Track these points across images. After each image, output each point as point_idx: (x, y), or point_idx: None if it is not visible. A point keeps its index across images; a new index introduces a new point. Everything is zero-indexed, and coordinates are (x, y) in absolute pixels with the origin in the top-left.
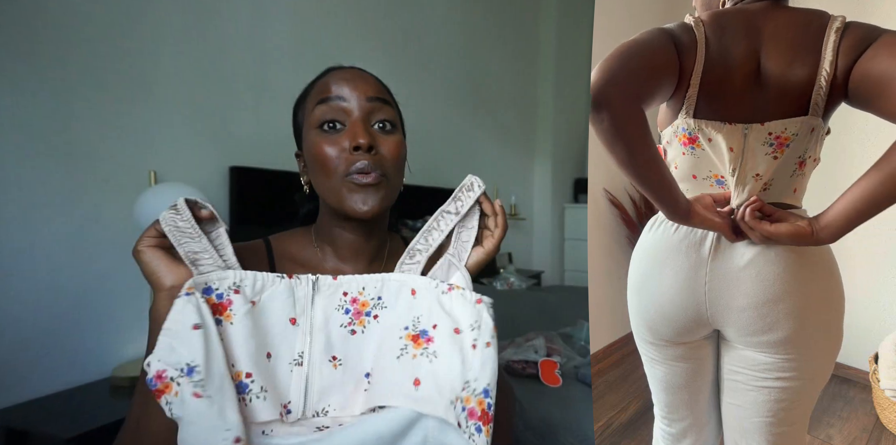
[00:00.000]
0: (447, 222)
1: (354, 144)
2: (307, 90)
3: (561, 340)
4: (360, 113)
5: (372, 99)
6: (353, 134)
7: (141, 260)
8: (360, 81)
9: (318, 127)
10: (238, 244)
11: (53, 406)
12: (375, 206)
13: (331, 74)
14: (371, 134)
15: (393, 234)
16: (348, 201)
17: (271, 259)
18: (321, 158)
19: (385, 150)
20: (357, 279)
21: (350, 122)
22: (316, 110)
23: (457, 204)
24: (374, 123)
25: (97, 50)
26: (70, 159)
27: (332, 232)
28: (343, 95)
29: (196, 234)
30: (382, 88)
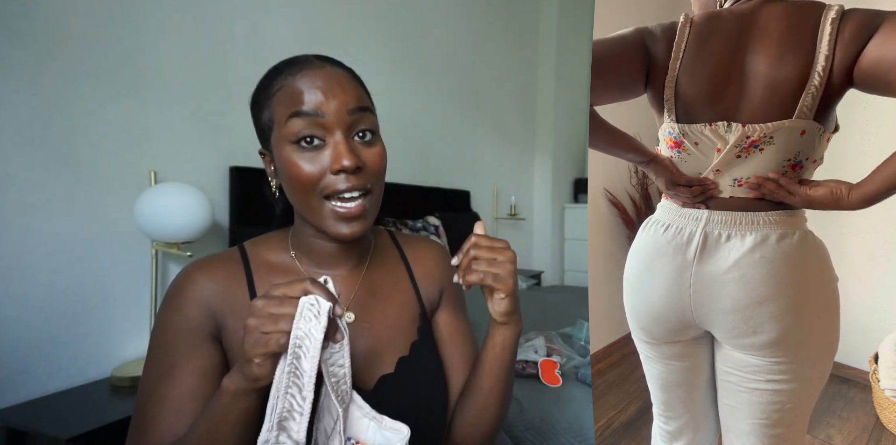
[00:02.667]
0: None
1: (338, 167)
2: (268, 87)
3: (561, 340)
4: (341, 129)
5: (354, 111)
6: (336, 155)
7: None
8: (339, 89)
9: (293, 142)
10: (210, 257)
11: (53, 406)
12: (361, 229)
13: (301, 78)
14: (355, 152)
15: (379, 229)
16: (331, 226)
17: (247, 267)
18: (299, 178)
19: (369, 163)
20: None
21: (331, 139)
22: (290, 124)
23: None
24: (355, 134)
25: (97, 50)
26: (70, 159)
27: (310, 241)
28: (321, 109)
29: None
30: (361, 91)
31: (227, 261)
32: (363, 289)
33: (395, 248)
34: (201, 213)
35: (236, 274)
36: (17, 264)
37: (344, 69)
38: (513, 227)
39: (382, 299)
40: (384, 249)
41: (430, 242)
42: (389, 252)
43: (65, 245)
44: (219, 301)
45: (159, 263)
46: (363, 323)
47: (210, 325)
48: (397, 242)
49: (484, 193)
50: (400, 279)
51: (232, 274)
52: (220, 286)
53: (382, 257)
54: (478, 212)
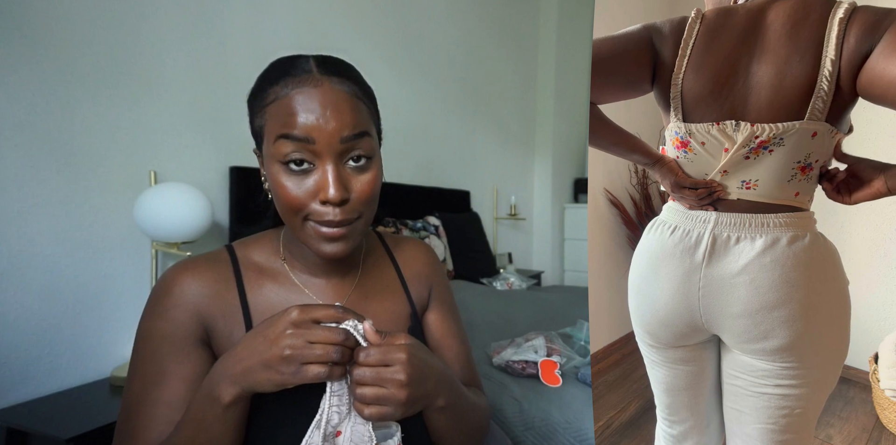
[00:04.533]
0: None
1: (324, 197)
2: (263, 94)
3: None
4: (332, 156)
5: (347, 139)
6: (322, 184)
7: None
8: (334, 114)
9: (281, 162)
10: (196, 257)
11: (53, 406)
12: (345, 249)
13: (296, 95)
14: (343, 183)
15: (368, 231)
16: (314, 244)
17: (237, 269)
18: (284, 199)
19: (358, 192)
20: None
21: (320, 167)
22: (278, 145)
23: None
24: (348, 159)
25: (97, 50)
26: (70, 159)
27: (301, 248)
28: (311, 135)
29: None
30: (361, 113)
31: (215, 262)
32: (356, 294)
33: (384, 250)
34: (201, 213)
35: (225, 276)
36: (17, 264)
37: (347, 86)
38: (513, 227)
39: (375, 302)
40: (374, 252)
41: (416, 241)
42: (379, 255)
43: (65, 245)
44: (207, 305)
45: (159, 263)
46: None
47: (199, 330)
48: (386, 244)
49: (484, 193)
50: (390, 282)
51: (220, 276)
52: (208, 289)
53: (373, 261)
54: (478, 212)
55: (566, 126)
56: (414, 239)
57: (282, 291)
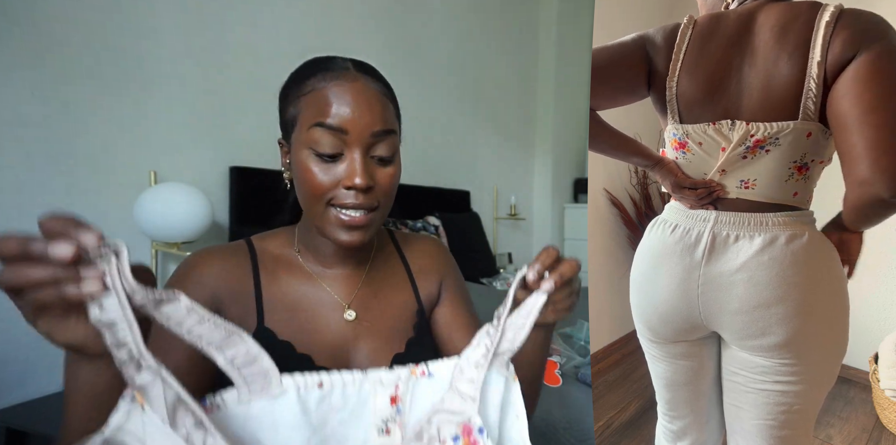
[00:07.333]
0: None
1: (350, 183)
2: (300, 85)
3: (561, 340)
4: (361, 148)
5: (377, 134)
6: (350, 172)
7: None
8: (367, 109)
9: (310, 148)
10: (219, 245)
11: (53, 406)
12: (361, 238)
13: (334, 87)
14: (370, 172)
15: (380, 228)
16: (332, 231)
17: (254, 259)
18: (311, 185)
19: (380, 182)
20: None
21: (349, 154)
22: (312, 132)
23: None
24: (373, 153)
25: (97, 50)
26: (70, 160)
27: (315, 240)
28: (345, 126)
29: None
30: (390, 112)
31: (236, 251)
32: (365, 288)
33: (394, 246)
34: (201, 213)
35: (243, 263)
36: None
37: (379, 84)
38: (513, 227)
39: (383, 297)
40: (384, 248)
41: (426, 237)
42: (389, 251)
43: None
44: (223, 288)
45: (159, 263)
46: (364, 322)
47: (210, 308)
48: (396, 240)
49: (484, 193)
50: (399, 277)
51: (239, 263)
52: (226, 273)
53: (383, 257)
54: (478, 212)
55: (566, 126)
56: (424, 235)
57: (293, 280)
